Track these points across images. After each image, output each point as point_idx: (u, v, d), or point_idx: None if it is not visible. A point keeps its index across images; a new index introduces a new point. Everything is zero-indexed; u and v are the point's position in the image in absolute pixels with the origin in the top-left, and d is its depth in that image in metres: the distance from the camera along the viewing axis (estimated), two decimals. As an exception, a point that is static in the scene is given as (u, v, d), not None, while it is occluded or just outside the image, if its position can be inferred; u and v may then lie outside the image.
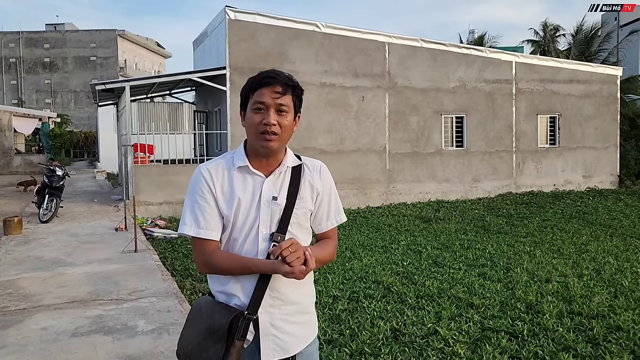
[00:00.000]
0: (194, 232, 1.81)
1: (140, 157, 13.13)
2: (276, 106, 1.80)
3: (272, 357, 1.83)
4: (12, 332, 4.72)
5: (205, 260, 1.82)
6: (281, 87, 1.80)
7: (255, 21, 12.83)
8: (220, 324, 1.74)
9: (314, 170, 1.94)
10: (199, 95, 18.35)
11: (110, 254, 7.94)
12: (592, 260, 7.52)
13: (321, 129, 13.43)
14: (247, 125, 1.84)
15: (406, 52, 14.60)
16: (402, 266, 7.15)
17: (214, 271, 1.84)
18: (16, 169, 26.76)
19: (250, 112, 1.82)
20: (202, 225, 1.82)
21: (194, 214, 1.83)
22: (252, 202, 1.84)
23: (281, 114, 1.81)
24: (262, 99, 1.80)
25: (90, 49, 55.75)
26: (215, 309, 1.80)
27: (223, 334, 1.72)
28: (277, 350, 1.83)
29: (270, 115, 1.79)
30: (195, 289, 6.12)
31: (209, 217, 1.82)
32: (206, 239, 1.82)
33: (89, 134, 38.85)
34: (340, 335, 4.57)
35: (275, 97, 1.80)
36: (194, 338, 1.79)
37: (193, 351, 1.78)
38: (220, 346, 1.72)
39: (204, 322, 1.79)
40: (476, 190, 15.55)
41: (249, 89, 1.84)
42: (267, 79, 1.81)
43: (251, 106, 1.82)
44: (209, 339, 1.75)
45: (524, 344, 4.38)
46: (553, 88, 16.63)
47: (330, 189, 1.98)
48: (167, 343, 4.40)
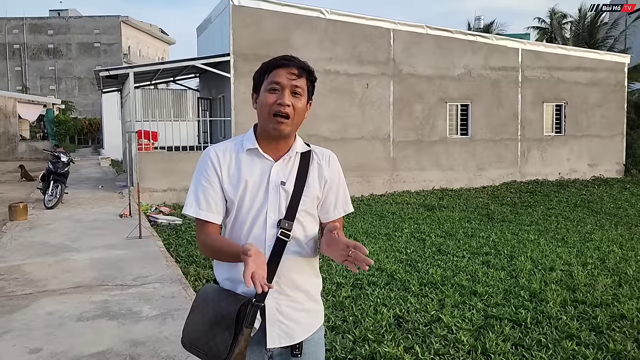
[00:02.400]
0: (194, 213, 1.82)
1: (145, 144, 13.14)
2: (291, 87, 1.79)
3: (278, 343, 1.83)
4: (18, 316, 4.76)
5: (202, 240, 1.83)
6: (297, 70, 1.80)
7: (259, 7, 12.75)
8: (227, 311, 1.73)
9: (322, 158, 1.92)
10: (203, 82, 18.29)
11: (114, 240, 7.97)
12: (596, 249, 7.50)
13: (325, 116, 13.37)
14: (260, 106, 1.82)
15: (411, 39, 14.49)
16: (406, 254, 7.16)
17: (207, 252, 1.84)
18: (21, 155, 26.84)
19: (265, 92, 1.81)
20: (203, 207, 1.82)
21: (196, 195, 1.84)
22: (260, 186, 1.82)
23: (295, 96, 1.80)
24: (278, 79, 1.79)
25: (94, 35, 55.61)
26: (222, 296, 1.79)
27: (231, 322, 1.71)
28: (283, 336, 1.83)
29: (285, 96, 1.78)
30: (200, 275, 6.15)
31: (210, 199, 1.82)
32: (205, 221, 1.82)
33: (93, 120, 38.85)
34: (343, 322, 4.59)
35: (292, 78, 1.79)
36: (201, 326, 1.78)
37: (200, 339, 1.77)
38: (228, 334, 1.71)
39: (211, 310, 1.78)
40: (480, 178, 15.50)
41: (264, 71, 1.83)
42: (284, 61, 1.81)
43: (266, 86, 1.81)
44: (216, 326, 1.74)
45: (527, 331, 4.39)
46: (559, 76, 16.48)
47: (338, 178, 1.95)
48: (172, 328, 4.43)
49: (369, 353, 3.94)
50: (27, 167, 18.26)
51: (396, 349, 3.96)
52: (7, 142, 26.70)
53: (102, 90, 19.89)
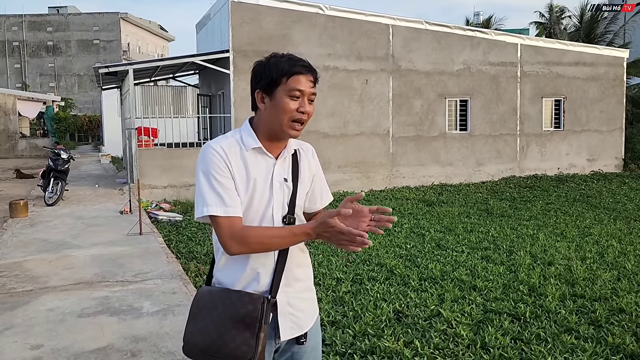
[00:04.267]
0: (222, 212, 1.73)
1: (145, 141, 13.14)
2: (309, 95, 1.84)
3: (290, 334, 1.88)
4: (20, 312, 4.79)
5: (241, 236, 1.73)
6: (313, 77, 1.85)
7: (258, 3, 12.73)
8: (246, 310, 1.73)
9: (307, 152, 2.00)
10: (203, 79, 18.28)
11: (115, 237, 7.99)
12: (595, 244, 7.53)
13: (324, 112, 13.38)
14: (278, 111, 1.80)
15: (410, 34, 14.48)
16: (406, 249, 7.18)
17: (248, 247, 1.74)
18: (21, 152, 26.84)
19: (286, 97, 1.79)
20: (229, 203, 1.74)
21: (216, 192, 1.74)
22: (265, 184, 1.85)
23: (311, 103, 1.86)
24: (300, 87, 1.80)
25: (94, 32, 55.48)
26: (234, 297, 1.77)
27: (252, 321, 1.72)
28: (294, 327, 1.89)
29: (306, 104, 1.83)
30: (200, 271, 6.17)
31: (232, 194, 1.76)
32: (234, 217, 1.74)
33: (93, 117, 38.80)
34: (343, 317, 4.61)
35: (311, 86, 1.84)
36: (213, 330, 1.73)
37: (215, 344, 1.72)
38: (249, 333, 1.71)
39: (225, 312, 1.75)
40: (480, 173, 15.52)
41: (281, 74, 1.79)
42: (303, 67, 1.82)
43: (286, 92, 1.79)
44: (233, 328, 1.72)
45: (526, 325, 4.41)
46: (558, 71, 16.48)
47: (320, 169, 2.05)
48: (172, 324, 4.46)
49: (369, 348, 3.96)
50: (28, 164, 18.34)
51: (396, 344, 3.98)
52: (7, 140, 26.68)
53: (102, 87, 19.88)
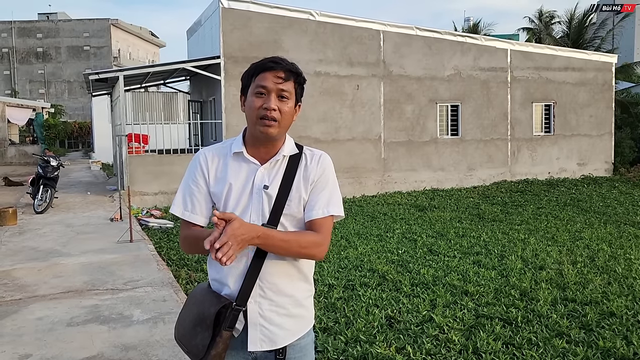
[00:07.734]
0: (179, 213, 1.88)
1: (135, 147, 13.08)
2: (278, 91, 1.78)
3: (259, 347, 1.79)
4: (8, 322, 4.73)
5: (183, 235, 1.89)
6: (284, 73, 1.78)
7: (249, 9, 12.74)
8: (208, 312, 1.74)
9: (312, 160, 1.87)
10: (194, 85, 18.25)
11: (105, 244, 7.93)
12: (586, 248, 7.56)
13: (316, 118, 13.39)
14: (247, 109, 1.82)
15: (401, 40, 14.54)
16: (397, 254, 7.18)
17: (186, 245, 1.89)
18: (10, 159, 26.62)
19: (252, 96, 1.80)
20: (188, 208, 1.87)
21: (183, 196, 1.89)
22: (244, 190, 1.81)
23: (282, 100, 1.79)
24: (265, 83, 1.77)
25: (84, 38, 55.26)
26: (206, 297, 1.81)
27: (210, 323, 1.73)
28: (265, 340, 1.79)
29: (271, 100, 1.77)
30: (191, 278, 6.14)
31: (196, 201, 1.87)
32: (189, 222, 1.87)
33: (83, 124, 38.62)
34: (335, 323, 4.60)
35: (278, 82, 1.77)
36: (187, 324, 1.82)
37: (185, 336, 1.82)
38: (207, 334, 1.73)
39: (196, 309, 1.81)
40: (471, 178, 15.58)
41: (252, 73, 1.82)
42: (271, 64, 1.79)
43: (252, 90, 1.80)
44: (198, 326, 1.76)
45: (517, 330, 4.42)
46: (548, 76, 16.61)
47: (327, 179, 1.87)
48: (163, 332, 4.42)
49: (361, 354, 3.95)
50: (17, 171, 18.19)
51: (388, 350, 3.97)
52: (-4, 147, 26.49)
53: (92, 93, 19.77)
